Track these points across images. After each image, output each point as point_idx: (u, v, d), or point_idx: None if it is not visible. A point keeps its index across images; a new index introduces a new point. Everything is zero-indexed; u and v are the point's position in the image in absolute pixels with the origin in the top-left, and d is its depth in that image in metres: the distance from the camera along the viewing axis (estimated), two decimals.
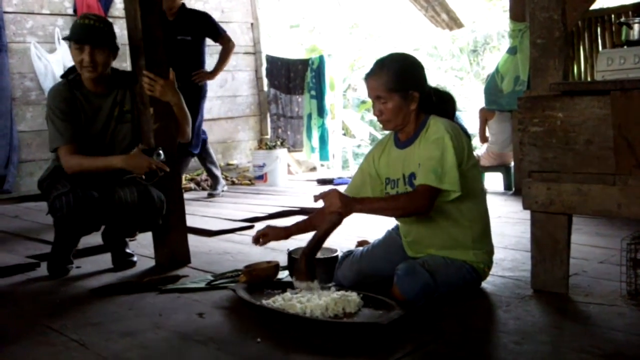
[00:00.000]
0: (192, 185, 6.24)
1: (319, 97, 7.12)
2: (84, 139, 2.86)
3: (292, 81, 7.40)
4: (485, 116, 5.42)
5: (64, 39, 2.85)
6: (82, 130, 2.85)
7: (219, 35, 5.29)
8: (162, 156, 2.82)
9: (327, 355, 1.84)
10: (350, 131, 11.24)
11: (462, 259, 2.31)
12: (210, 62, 5.49)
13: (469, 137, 2.40)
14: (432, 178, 2.17)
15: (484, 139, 5.53)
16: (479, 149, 5.69)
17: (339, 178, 6.35)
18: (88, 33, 2.78)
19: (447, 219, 2.30)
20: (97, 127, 2.91)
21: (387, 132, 2.50)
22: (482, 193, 2.41)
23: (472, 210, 2.31)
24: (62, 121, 2.80)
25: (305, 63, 7.38)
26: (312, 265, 2.21)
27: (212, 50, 7.19)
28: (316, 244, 2.24)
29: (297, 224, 2.61)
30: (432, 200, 2.20)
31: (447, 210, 2.29)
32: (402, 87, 2.27)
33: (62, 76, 2.97)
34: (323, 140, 7.14)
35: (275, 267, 2.49)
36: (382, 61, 2.35)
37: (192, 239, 3.25)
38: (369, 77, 2.34)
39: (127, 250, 3.10)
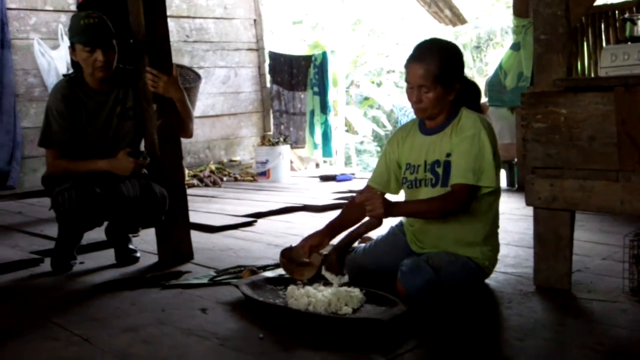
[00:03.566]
0: (195, 181, 6.25)
1: (322, 93, 7.11)
2: (81, 139, 2.87)
3: (295, 77, 7.40)
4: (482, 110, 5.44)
5: (74, 42, 2.81)
6: (78, 131, 2.86)
7: None
8: (148, 159, 2.88)
9: (329, 351, 1.84)
10: (353, 128, 11.22)
11: (467, 256, 2.30)
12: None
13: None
14: (470, 177, 2.18)
15: None
16: None
17: (342, 174, 6.35)
18: (99, 34, 2.77)
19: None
20: (99, 124, 2.91)
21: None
22: (499, 190, 2.39)
23: (488, 206, 2.30)
24: (57, 124, 2.83)
25: (308, 59, 7.37)
26: (342, 260, 2.23)
27: (215, 47, 7.20)
28: (351, 241, 2.28)
29: (330, 225, 2.46)
30: (470, 199, 2.21)
31: None
32: (447, 78, 2.23)
33: (65, 75, 2.98)
34: (326, 137, 7.14)
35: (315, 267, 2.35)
36: (427, 47, 2.27)
37: (194, 235, 3.26)
38: (413, 63, 2.24)
39: (130, 246, 3.11)
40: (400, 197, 2.55)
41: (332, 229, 2.45)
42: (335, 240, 2.52)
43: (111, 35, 2.82)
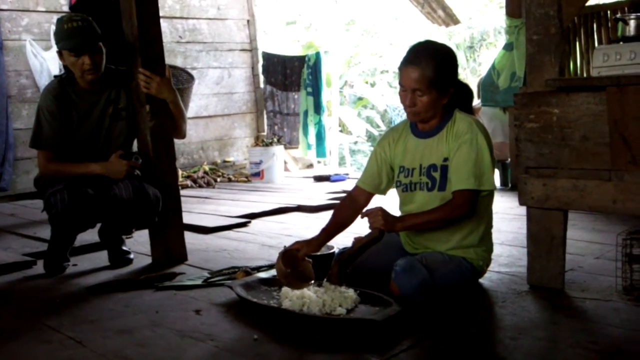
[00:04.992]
0: (189, 182, 6.24)
1: (316, 93, 7.11)
2: (73, 139, 2.86)
3: (289, 78, 7.39)
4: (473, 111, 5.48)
5: (61, 49, 2.80)
6: (69, 131, 2.85)
7: None
8: (140, 161, 2.90)
9: (323, 352, 1.84)
10: (346, 128, 11.22)
11: (461, 256, 2.31)
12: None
13: None
14: (472, 182, 2.19)
15: None
16: None
17: (336, 175, 6.36)
18: (83, 39, 2.75)
19: None
20: (90, 125, 2.90)
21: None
22: (494, 191, 2.40)
23: (484, 207, 2.31)
24: (49, 124, 2.81)
25: (301, 60, 7.36)
26: (343, 272, 2.26)
27: (208, 48, 7.19)
28: (353, 254, 2.28)
29: (325, 230, 2.44)
30: (474, 204, 2.22)
31: None
32: (442, 83, 2.22)
33: (56, 76, 2.96)
34: (320, 137, 7.14)
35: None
36: (423, 51, 2.24)
37: (188, 236, 3.25)
38: (408, 66, 2.22)
39: (124, 248, 3.10)
40: (389, 199, 2.56)
41: (327, 234, 2.44)
42: (333, 242, 2.53)
43: (96, 38, 2.79)
